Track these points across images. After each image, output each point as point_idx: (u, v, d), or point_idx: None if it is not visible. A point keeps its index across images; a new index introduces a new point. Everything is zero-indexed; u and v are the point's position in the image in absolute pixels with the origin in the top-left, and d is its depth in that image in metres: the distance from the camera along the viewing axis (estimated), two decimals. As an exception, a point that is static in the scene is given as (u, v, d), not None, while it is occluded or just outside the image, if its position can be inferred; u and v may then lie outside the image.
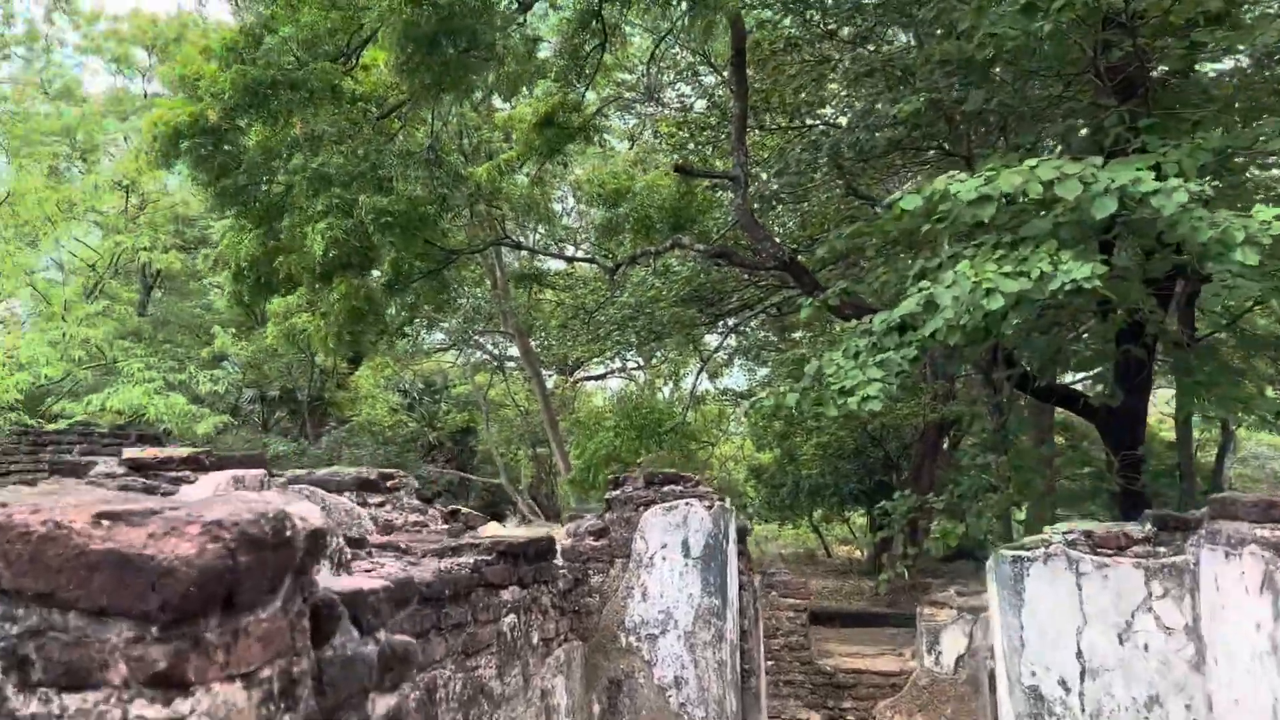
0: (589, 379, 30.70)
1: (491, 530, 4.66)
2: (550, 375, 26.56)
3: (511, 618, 3.37)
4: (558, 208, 22.85)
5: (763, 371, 26.48)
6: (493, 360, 26.77)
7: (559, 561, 4.37)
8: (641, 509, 4.71)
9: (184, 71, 11.61)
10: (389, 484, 4.62)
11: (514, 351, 23.63)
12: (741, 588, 4.92)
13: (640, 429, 14.51)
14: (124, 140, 26.40)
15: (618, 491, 4.80)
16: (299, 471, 4.83)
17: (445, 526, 4.42)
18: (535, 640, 3.65)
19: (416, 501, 4.61)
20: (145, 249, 21.89)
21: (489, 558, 3.27)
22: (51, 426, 14.33)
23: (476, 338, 25.17)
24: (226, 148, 12.04)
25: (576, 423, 19.17)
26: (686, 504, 4.61)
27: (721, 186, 15.35)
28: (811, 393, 8.84)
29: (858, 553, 36.63)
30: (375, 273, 13.62)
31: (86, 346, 19.43)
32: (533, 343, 22.25)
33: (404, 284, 13.71)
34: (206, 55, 11.67)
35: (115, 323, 20.83)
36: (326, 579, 1.98)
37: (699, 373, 20.97)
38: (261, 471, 2.01)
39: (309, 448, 21.90)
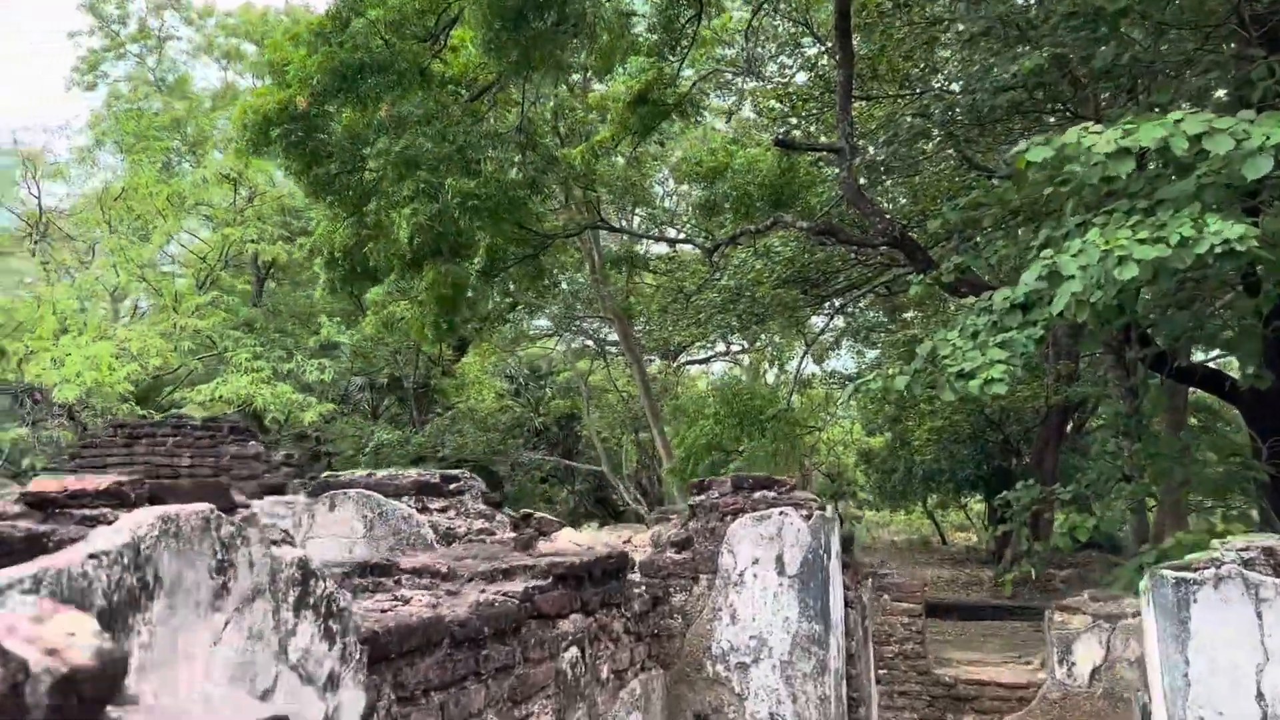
0: (691, 363, 30.18)
1: (565, 538, 4.19)
2: (652, 360, 26.13)
3: (573, 651, 2.89)
4: (656, 190, 22.34)
5: (872, 354, 25.62)
6: (594, 346, 26.48)
7: (635, 577, 3.87)
8: (729, 518, 4.11)
9: (272, 58, 11.47)
10: (452, 486, 4.18)
11: (615, 337, 23.25)
12: (848, 605, 4.30)
13: (742, 416, 13.91)
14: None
15: (702, 497, 4.20)
16: (358, 473, 4.44)
17: (512, 535, 3.97)
18: (604, 674, 3.16)
19: (482, 506, 4.16)
20: (253, 241, 22.24)
21: (544, 583, 2.79)
22: (160, 417, 14.56)
23: (578, 323, 24.89)
24: (319, 135, 11.88)
25: (676, 409, 18.67)
26: (780, 513, 3.99)
27: (825, 161, 14.59)
28: (924, 375, 8.24)
29: (974, 539, 35.39)
30: (471, 259, 13.34)
31: (197, 337, 19.85)
32: (635, 327, 21.83)
33: (499, 270, 13.39)
34: (295, 41, 11.51)
35: (225, 313, 21.21)
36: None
37: (803, 356, 20.20)
38: (205, 507, 1.55)
39: (413, 435, 21.96)
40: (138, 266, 20.15)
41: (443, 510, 4.09)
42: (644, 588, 3.82)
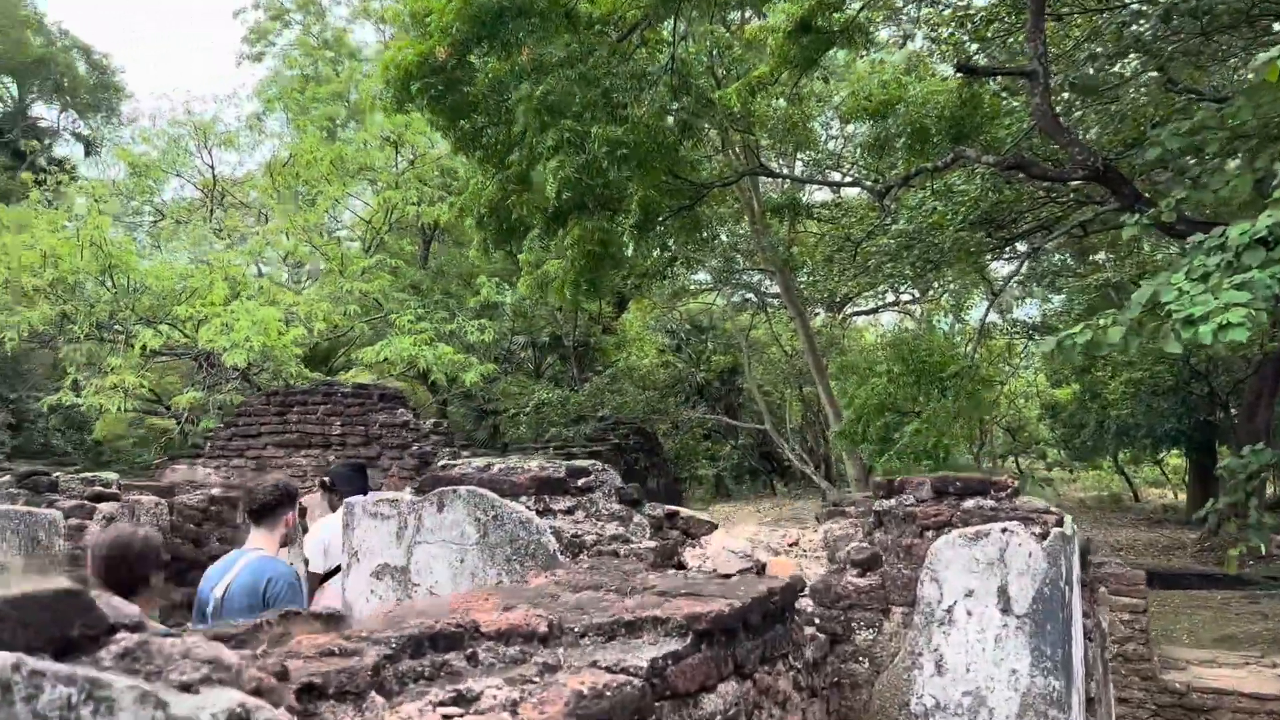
0: (858, 314, 28.83)
1: (717, 544, 3.42)
2: (817, 313, 24.97)
3: (723, 734, 2.12)
4: (819, 131, 21.02)
5: (1057, 299, 23.77)
6: (755, 299, 25.53)
7: (806, 605, 3.05)
8: (929, 533, 3.16)
9: (414, 8, 10.98)
10: (579, 483, 3.46)
11: (776, 289, 22.23)
12: (1087, 637, 3.32)
13: (919, 373, 12.71)
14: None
15: (892, 502, 3.22)
16: (477, 463, 3.77)
17: (652, 545, 3.23)
18: (767, 751, 2.39)
19: (616, 505, 3.43)
20: (414, 203, 22.24)
21: (680, 645, 2.02)
22: (345, 377, 14.61)
23: (738, 275, 23.98)
24: (462, 87, 11.34)
25: (843, 365, 17.55)
26: (1004, 531, 2.98)
27: (1013, 90, 13.09)
28: (1143, 324, 7.11)
29: (1170, 496, 32.84)
30: (620, 213, 12.63)
31: (364, 300, 20.02)
32: (798, 279, 20.74)
33: (653, 224, 12.61)
34: (434, -12, 10.95)
35: (391, 276, 21.33)
36: None
37: (990, 306, 18.66)
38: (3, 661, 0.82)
39: (572, 395, 21.68)
40: (304, 231, 20.45)
41: (568, 512, 3.38)
42: (818, 622, 3.01)
